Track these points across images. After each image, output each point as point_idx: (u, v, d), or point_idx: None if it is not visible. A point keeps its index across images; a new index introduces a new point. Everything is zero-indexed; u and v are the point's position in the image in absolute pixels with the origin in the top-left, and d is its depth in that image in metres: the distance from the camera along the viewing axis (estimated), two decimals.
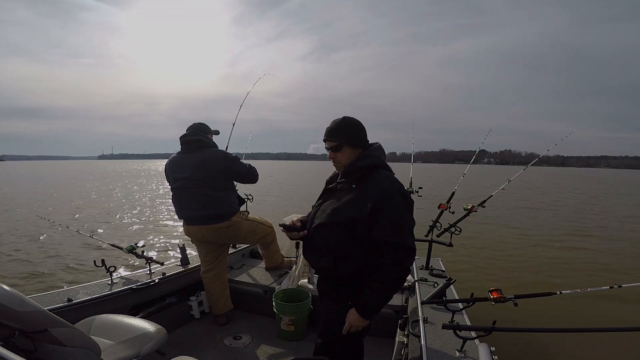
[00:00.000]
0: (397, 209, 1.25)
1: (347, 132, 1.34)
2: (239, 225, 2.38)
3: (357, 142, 1.35)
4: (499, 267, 5.41)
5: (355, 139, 1.35)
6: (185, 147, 2.27)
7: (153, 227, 8.19)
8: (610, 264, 5.68)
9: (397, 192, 1.27)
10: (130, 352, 1.38)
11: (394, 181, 1.30)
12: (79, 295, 1.90)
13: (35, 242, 6.49)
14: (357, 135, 1.35)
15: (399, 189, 1.28)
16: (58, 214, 9.76)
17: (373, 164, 1.32)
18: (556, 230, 8.39)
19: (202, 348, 2.19)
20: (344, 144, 1.34)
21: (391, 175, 1.33)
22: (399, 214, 1.25)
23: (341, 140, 1.34)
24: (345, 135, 1.34)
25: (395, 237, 1.23)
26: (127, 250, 2.35)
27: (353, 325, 1.29)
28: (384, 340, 2.14)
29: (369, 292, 1.26)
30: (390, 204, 1.24)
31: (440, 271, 2.43)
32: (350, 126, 1.35)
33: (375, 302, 1.28)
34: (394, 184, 1.29)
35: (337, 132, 1.35)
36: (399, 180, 1.32)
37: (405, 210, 1.27)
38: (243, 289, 2.66)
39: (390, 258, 1.22)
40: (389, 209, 1.23)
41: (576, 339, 3.00)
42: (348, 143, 1.34)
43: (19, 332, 1.02)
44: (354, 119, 1.37)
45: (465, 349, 1.37)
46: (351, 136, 1.34)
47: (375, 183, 1.28)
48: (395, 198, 1.25)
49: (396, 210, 1.24)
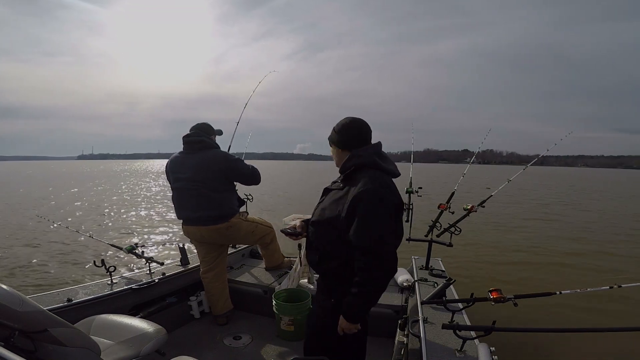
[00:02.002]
0: (371, 211, 1.18)
1: (335, 133, 1.40)
2: (239, 226, 2.38)
3: (341, 144, 1.37)
4: (499, 267, 5.41)
5: (339, 140, 1.37)
6: (187, 148, 2.27)
7: (153, 227, 8.19)
8: (610, 264, 5.69)
9: (374, 193, 1.19)
10: (130, 352, 1.39)
11: (375, 181, 1.22)
12: (79, 295, 1.90)
13: (34, 242, 6.48)
14: (343, 136, 1.37)
15: (377, 190, 1.20)
16: (58, 214, 9.76)
17: (360, 163, 1.30)
18: (556, 230, 8.40)
19: (202, 348, 2.20)
20: (331, 145, 1.42)
21: (378, 175, 1.26)
22: (372, 217, 1.18)
23: (330, 140, 1.42)
24: (333, 137, 1.41)
25: (365, 241, 1.17)
26: (126, 250, 2.35)
27: (343, 329, 1.31)
28: (383, 340, 2.15)
29: (349, 297, 1.25)
30: (364, 206, 1.18)
31: (440, 271, 2.43)
32: (339, 127, 1.39)
33: (355, 307, 1.26)
34: (375, 184, 1.21)
35: (331, 133, 1.42)
36: (388, 181, 1.28)
37: (381, 214, 1.19)
38: (243, 289, 2.66)
39: (360, 262, 1.19)
40: (362, 211, 1.18)
41: (576, 339, 3.00)
42: (334, 144, 1.41)
43: (19, 332, 1.02)
44: (346, 121, 1.38)
45: (465, 348, 1.37)
46: (336, 137, 1.39)
47: (357, 183, 1.25)
48: (371, 199, 1.18)
49: (369, 212, 1.18)
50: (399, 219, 1.31)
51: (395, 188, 1.30)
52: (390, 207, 1.23)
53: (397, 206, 1.27)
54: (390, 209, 1.22)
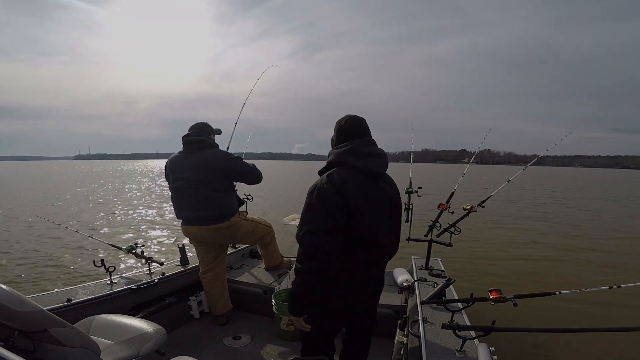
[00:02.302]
0: (305, 206, 1.26)
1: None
2: (239, 225, 2.37)
3: (332, 143, 1.44)
4: (499, 267, 5.41)
5: (332, 140, 1.44)
6: (186, 147, 2.27)
7: (152, 227, 8.19)
8: (610, 264, 5.69)
9: (312, 189, 1.26)
10: (129, 352, 1.38)
11: (324, 178, 1.26)
12: (79, 295, 1.90)
13: (34, 241, 6.48)
14: (334, 136, 1.44)
15: (316, 187, 1.24)
16: (57, 213, 9.76)
17: (330, 161, 1.35)
18: (556, 230, 8.40)
19: (202, 348, 2.19)
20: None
21: (337, 174, 1.26)
22: (305, 211, 1.25)
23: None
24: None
25: (297, 234, 1.25)
26: (126, 250, 2.34)
27: (293, 322, 1.38)
28: (383, 340, 2.15)
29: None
30: (305, 201, 1.27)
31: (439, 271, 2.43)
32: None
33: (290, 298, 1.36)
34: (322, 181, 1.25)
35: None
36: (347, 179, 1.25)
37: (312, 209, 1.22)
38: (242, 289, 2.66)
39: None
40: (304, 206, 1.27)
41: (576, 339, 3.00)
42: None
43: (19, 332, 1.02)
44: (338, 120, 1.43)
45: (465, 348, 1.37)
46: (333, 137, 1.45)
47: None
48: (309, 195, 1.26)
49: (304, 207, 1.26)
50: (347, 218, 1.23)
51: (356, 187, 1.25)
52: (313, 203, 1.22)
53: (341, 206, 1.21)
54: (313, 205, 1.22)
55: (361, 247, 1.30)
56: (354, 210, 1.23)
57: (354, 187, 1.25)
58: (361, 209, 1.24)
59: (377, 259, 1.41)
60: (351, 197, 1.23)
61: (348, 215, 1.23)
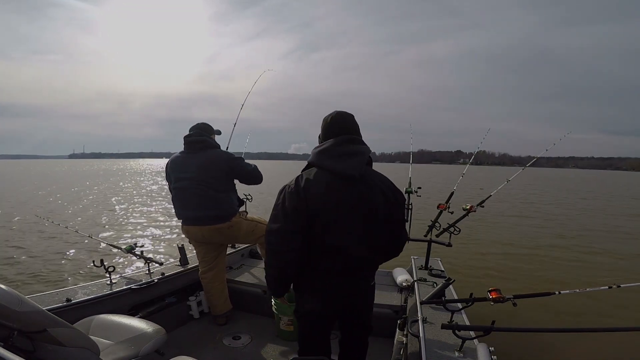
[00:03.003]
0: (274, 203, 1.31)
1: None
2: (240, 225, 2.37)
3: (319, 139, 1.43)
4: (498, 267, 5.42)
5: (319, 135, 1.44)
6: (188, 148, 2.27)
7: (152, 227, 8.18)
8: (609, 264, 5.70)
9: (281, 189, 1.30)
10: (129, 352, 1.38)
11: (293, 179, 1.30)
12: (78, 295, 1.90)
13: (33, 241, 6.47)
14: (320, 132, 1.43)
15: (284, 186, 1.30)
16: (57, 214, 9.75)
17: (307, 161, 1.36)
18: (555, 230, 8.41)
19: (202, 348, 2.19)
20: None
21: (303, 174, 1.30)
22: (272, 209, 1.30)
23: None
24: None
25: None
26: (126, 251, 2.34)
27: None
28: (383, 340, 2.15)
29: None
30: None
31: (439, 271, 2.43)
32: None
33: (266, 282, 1.41)
34: (290, 181, 1.30)
35: None
36: (311, 179, 1.26)
37: (274, 206, 1.29)
38: (242, 289, 2.66)
39: None
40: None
41: (575, 339, 3.00)
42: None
43: (18, 332, 1.02)
44: (325, 116, 1.41)
45: (465, 348, 1.37)
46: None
47: None
48: (277, 193, 1.31)
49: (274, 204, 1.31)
50: (308, 221, 1.23)
51: (322, 190, 1.23)
52: (286, 206, 1.24)
53: (301, 209, 1.22)
54: (287, 207, 1.24)
55: (322, 251, 1.27)
56: (313, 213, 1.22)
57: (318, 190, 1.23)
58: (321, 213, 1.23)
59: (343, 266, 1.30)
60: (312, 201, 1.22)
61: (309, 218, 1.23)
